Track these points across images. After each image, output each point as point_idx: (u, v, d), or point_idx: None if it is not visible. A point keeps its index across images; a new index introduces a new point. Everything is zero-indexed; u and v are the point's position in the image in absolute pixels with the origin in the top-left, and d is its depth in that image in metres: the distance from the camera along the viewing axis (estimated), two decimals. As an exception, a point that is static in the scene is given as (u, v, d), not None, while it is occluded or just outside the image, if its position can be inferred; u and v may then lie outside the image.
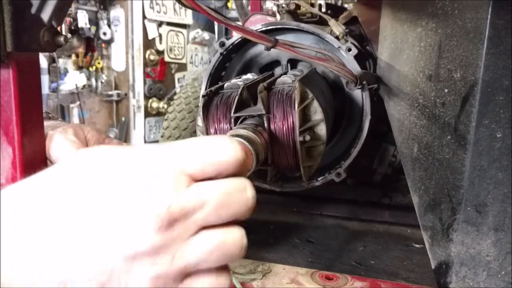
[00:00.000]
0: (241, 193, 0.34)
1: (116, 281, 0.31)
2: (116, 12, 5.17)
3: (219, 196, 0.33)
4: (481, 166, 0.56)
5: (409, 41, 0.77)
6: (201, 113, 0.74)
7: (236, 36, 1.00)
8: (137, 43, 5.27)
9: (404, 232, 1.02)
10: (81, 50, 4.96)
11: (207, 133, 0.75)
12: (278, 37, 0.72)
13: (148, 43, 5.37)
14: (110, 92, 5.24)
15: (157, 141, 4.07)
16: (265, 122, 0.70)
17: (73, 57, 4.94)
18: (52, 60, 4.52)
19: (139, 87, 5.35)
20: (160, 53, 5.55)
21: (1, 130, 0.56)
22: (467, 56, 0.57)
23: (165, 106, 5.26)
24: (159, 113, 5.33)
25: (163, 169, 0.32)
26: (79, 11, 4.73)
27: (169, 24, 5.64)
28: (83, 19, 4.76)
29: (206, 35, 6.11)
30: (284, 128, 0.70)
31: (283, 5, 1.17)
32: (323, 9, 1.45)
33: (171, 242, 0.31)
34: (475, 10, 0.55)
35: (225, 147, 0.34)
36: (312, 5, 1.27)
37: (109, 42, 5.21)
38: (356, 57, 0.93)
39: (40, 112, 0.61)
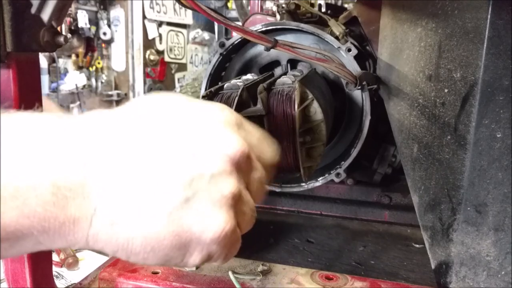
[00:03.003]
0: (265, 183, 0.42)
1: (197, 197, 0.34)
2: (116, 12, 5.17)
3: (263, 173, 0.41)
4: (481, 166, 0.56)
5: (409, 41, 0.77)
6: (201, 113, 0.74)
7: (236, 36, 1.00)
8: (137, 43, 5.27)
9: (404, 232, 1.02)
10: (81, 50, 4.96)
11: None
12: (278, 37, 0.72)
13: (148, 43, 5.38)
14: (110, 92, 5.24)
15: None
16: (265, 122, 0.70)
17: (73, 57, 4.95)
18: (52, 60, 4.52)
19: (139, 87, 5.35)
20: (160, 53, 5.55)
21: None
22: (467, 56, 0.57)
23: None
24: (159, 113, 5.32)
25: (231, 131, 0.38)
26: (79, 11, 4.73)
27: (169, 24, 5.64)
28: (83, 19, 4.76)
29: (206, 35, 6.12)
30: (284, 129, 0.70)
31: (283, 5, 1.16)
32: (323, 9, 1.45)
33: (237, 175, 0.37)
34: (475, 10, 0.55)
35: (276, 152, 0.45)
36: (312, 5, 1.27)
37: (109, 42, 5.21)
38: (356, 57, 0.93)
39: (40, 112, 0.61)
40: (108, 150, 0.33)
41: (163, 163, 0.33)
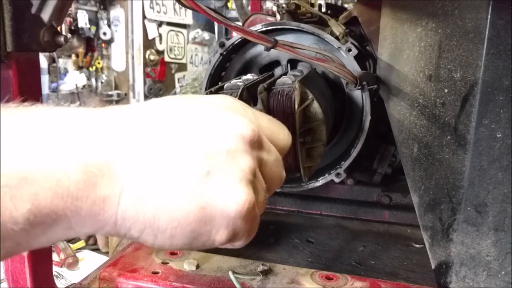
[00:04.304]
0: (282, 165, 0.44)
1: (217, 171, 0.36)
2: (116, 12, 5.17)
3: (277, 156, 0.43)
4: (481, 166, 0.56)
5: (409, 41, 0.77)
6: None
7: (236, 36, 1.00)
8: (137, 43, 5.27)
9: (404, 232, 1.02)
10: (81, 50, 4.96)
11: None
12: (278, 38, 0.72)
13: (148, 43, 5.37)
14: (110, 92, 5.24)
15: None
16: (265, 122, 0.70)
17: (73, 57, 4.94)
18: (52, 60, 4.52)
19: (139, 87, 5.34)
20: (160, 53, 5.54)
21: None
22: (467, 56, 0.57)
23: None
24: (159, 113, 5.32)
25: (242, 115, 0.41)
26: (79, 11, 4.73)
27: (169, 24, 5.64)
28: (83, 19, 4.76)
29: (206, 35, 6.11)
30: (284, 129, 0.70)
31: (283, 5, 1.16)
32: (323, 9, 1.45)
33: (252, 153, 0.39)
34: (475, 10, 0.55)
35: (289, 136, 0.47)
36: (312, 5, 1.27)
37: (109, 42, 5.21)
38: (356, 57, 0.93)
39: (40, 112, 0.61)
40: (130, 132, 0.35)
41: (181, 142, 0.35)
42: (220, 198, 0.35)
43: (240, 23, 1.62)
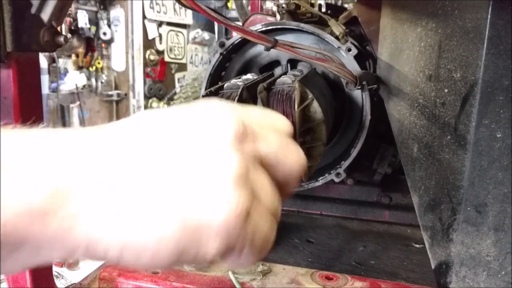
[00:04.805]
0: (294, 147, 0.39)
1: (197, 174, 0.32)
2: (116, 12, 5.17)
3: (281, 140, 0.38)
4: (481, 166, 0.56)
5: (409, 41, 0.77)
6: (201, 113, 0.74)
7: (236, 36, 1.00)
8: (137, 43, 5.27)
9: (404, 232, 1.02)
10: (81, 50, 4.97)
11: None
12: (278, 37, 0.72)
13: (148, 43, 5.38)
14: (110, 92, 5.24)
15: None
16: (265, 122, 0.70)
17: (73, 57, 4.95)
18: (52, 60, 4.52)
19: (139, 87, 5.35)
20: (160, 53, 5.55)
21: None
22: (467, 56, 0.57)
23: (165, 106, 5.26)
24: (159, 113, 5.33)
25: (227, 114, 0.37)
26: (79, 11, 4.73)
27: (169, 24, 5.64)
28: (83, 19, 4.76)
29: (206, 35, 6.12)
30: (284, 128, 0.70)
31: (283, 5, 1.16)
32: (323, 9, 1.45)
33: (245, 145, 0.35)
34: (475, 10, 0.55)
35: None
36: (312, 5, 1.27)
37: (109, 42, 5.21)
38: (356, 57, 0.93)
39: (40, 112, 0.61)
40: (103, 149, 0.33)
41: (157, 154, 0.33)
42: (204, 205, 0.32)
43: (240, 23, 1.62)
